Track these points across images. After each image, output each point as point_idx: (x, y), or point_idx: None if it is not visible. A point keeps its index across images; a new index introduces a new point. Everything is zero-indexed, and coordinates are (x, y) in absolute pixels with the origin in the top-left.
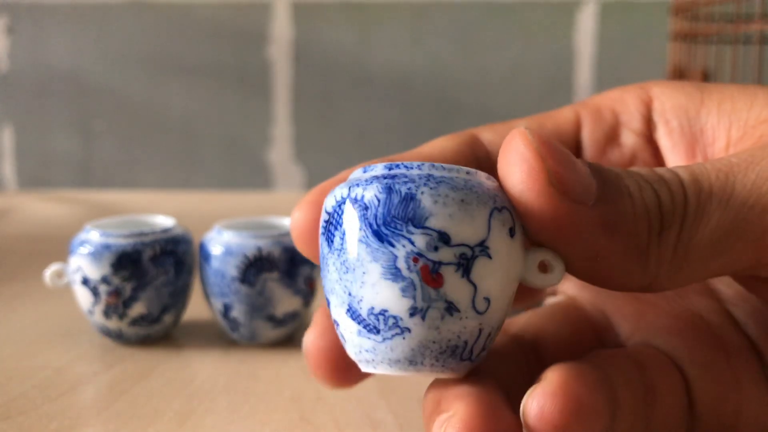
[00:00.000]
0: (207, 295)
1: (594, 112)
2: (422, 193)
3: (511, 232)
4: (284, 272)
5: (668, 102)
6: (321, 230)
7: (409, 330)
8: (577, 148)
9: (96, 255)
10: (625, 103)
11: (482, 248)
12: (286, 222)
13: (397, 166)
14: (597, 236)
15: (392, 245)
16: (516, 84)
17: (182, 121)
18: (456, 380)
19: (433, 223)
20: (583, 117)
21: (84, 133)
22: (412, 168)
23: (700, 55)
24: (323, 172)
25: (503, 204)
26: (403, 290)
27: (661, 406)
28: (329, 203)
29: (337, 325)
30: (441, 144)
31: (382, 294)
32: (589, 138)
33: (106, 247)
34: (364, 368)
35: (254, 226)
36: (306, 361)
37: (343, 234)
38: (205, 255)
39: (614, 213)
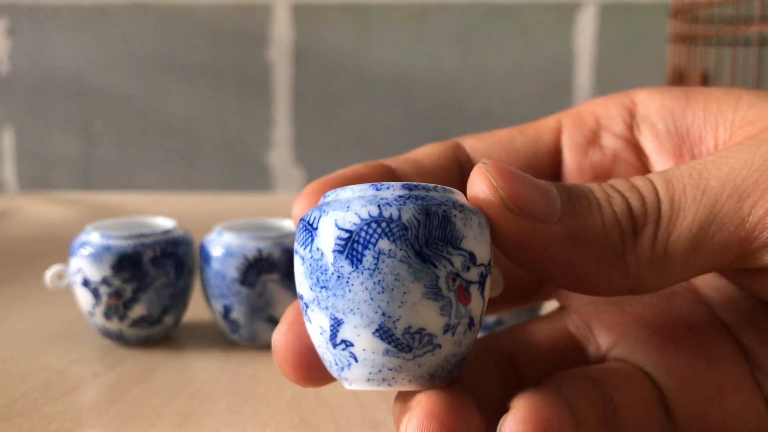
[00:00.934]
0: (207, 297)
1: (575, 118)
2: (454, 216)
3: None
4: (284, 274)
5: (652, 105)
6: (336, 248)
7: (440, 346)
8: (557, 153)
9: (96, 256)
10: (607, 108)
11: (489, 267)
12: (286, 224)
13: (416, 186)
14: (566, 250)
15: (435, 266)
16: (516, 86)
17: (182, 122)
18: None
19: (465, 244)
20: (564, 123)
21: (84, 135)
22: (430, 190)
23: (699, 57)
24: (323, 174)
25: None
26: (442, 309)
27: (626, 420)
28: (348, 219)
29: (347, 345)
30: (428, 150)
31: (422, 313)
32: (569, 142)
33: (107, 248)
34: (358, 387)
35: (254, 228)
36: (275, 358)
37: (379, 253)
38: (205, 256)
39: (582, 226)
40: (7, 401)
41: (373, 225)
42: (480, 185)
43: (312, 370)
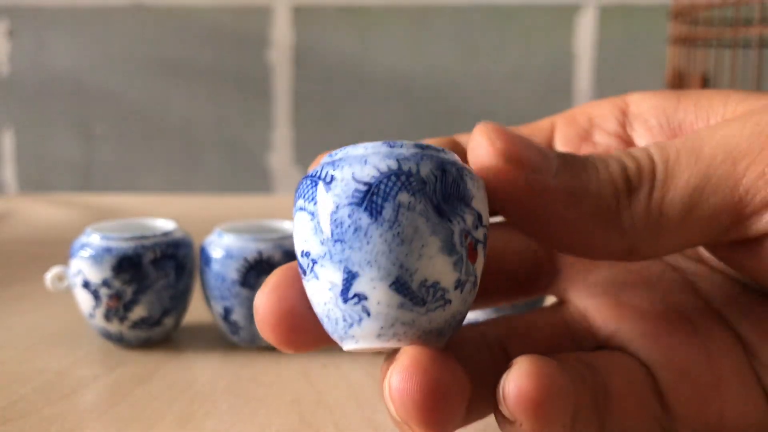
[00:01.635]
0: (207, 299)
1: (568, 118)
2: (465, 175)
3: None
4: None
5: (645, 104)
6: (353, 200)
7: (450, 302)
8: None
9: (97, 258)
10: (600, 109)
11: (487, 230)
12: (286, 225)
13: (427, 146)
14: (563, 204)
15: (450, 221)
16: (516, 88)
17: (183, 124)
18: None
19: (474, 204)
20: (557, 123)
21: (85, 137)
22: (440, 151)
23: (699, 59)
24: None
25: None
26: (455, 264)
27: (618, 408)
28: (366, 173)
29: (361, 299)
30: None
31: (438, 267)
32: (561, 139)
33: (107, 250)
34: (365, 344)
35: (255, 230)
36: (256, 319)
37: (398, 206)
38: (205, 258)
39: (578, 182)
40: (7, 403)
41: (393, 178)
42: (481, 141)
43: (293, 333)
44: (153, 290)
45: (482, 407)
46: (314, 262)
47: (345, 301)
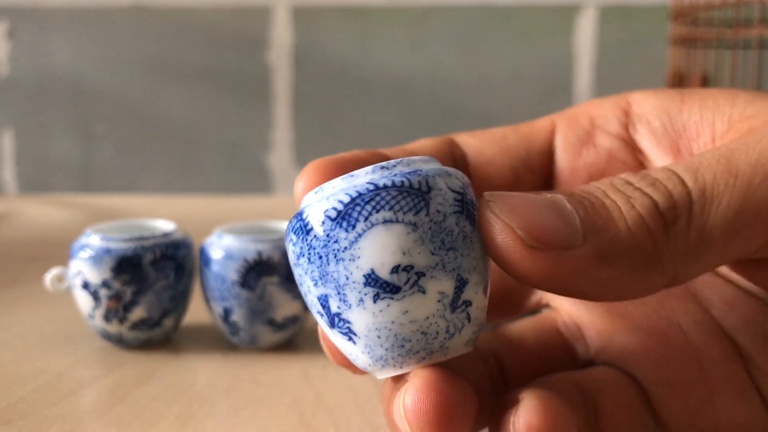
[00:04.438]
0: (207, 299)
1: (569, 118)
2: None
3: None
4: (284, 276)
5: (648, 105)
6: (456, 209)
7: None
8: (550, 153)
9: (96, 259)
10: (602, 109)
11: None
12: (286, 226)
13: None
14: (597, 269)
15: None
16: (516, 88)
17: (182, 125)
18: None
19: None
20: (558, 123)
21: (84, 138)
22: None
23: (699, 59)
24: None
25: None
26: None
27: (610, 425)
28: (456, 183)
29: (467, 305)
30: (423, 142)
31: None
32: (562, 142)
33: (107, 251)
34: (455, 354)
35: (254, 231)
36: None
37: (474, 217)
38: (205, 259)
39: (608, 240)
40: (6, 404)
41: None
42: (494, 228)
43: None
44: (153, 291)
45: (480, 420)
46: (421, 274)
47: (453, 310)
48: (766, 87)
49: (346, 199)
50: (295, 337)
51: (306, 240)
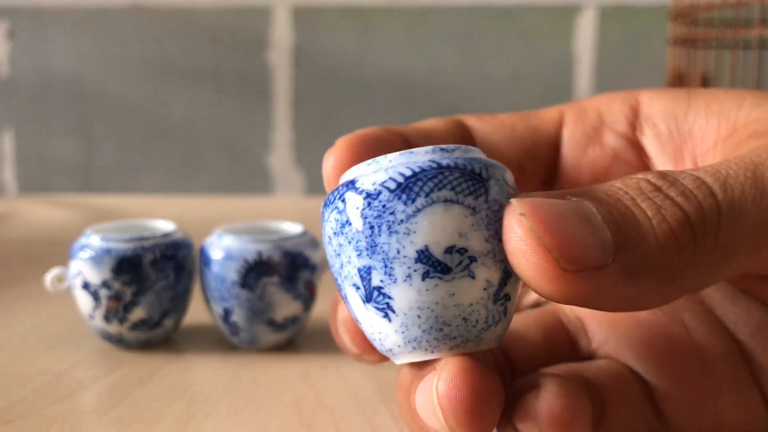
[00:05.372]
0: (207, 300)
1: (578, 112)
2: None
3: None
4: (284, 277)
5: (655, 106)
6: (508, 200)
7: None
8: (557, 146)
9: (96, 259)
10: (610, 106)
11: None
12: (286, 226)
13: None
14: (623, 288)
15: None
16: (516, 89)
17: (182, 125)
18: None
19: None
20: (566, 116)
21: (84, 138)
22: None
23: (699, 60)
24: (323, 177)
25: None
26: None
27: (612, 418)
28: (510, 177)
29: (507, 298)
30: (434, 122)
31: None
32: (569, 136)
33: (107, 251)
34: (488, 345)
35: (254, 231)
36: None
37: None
38: (205, 259)
39: (638, 257)
40: (6, 404)
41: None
42: (525, 245)
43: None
44: (153, 291)
45: None
46: (473, 259)
47: (495, 301)
48: (766, 87)
49: (408, 173)
50: (295, 337)
51: (357, 208)
